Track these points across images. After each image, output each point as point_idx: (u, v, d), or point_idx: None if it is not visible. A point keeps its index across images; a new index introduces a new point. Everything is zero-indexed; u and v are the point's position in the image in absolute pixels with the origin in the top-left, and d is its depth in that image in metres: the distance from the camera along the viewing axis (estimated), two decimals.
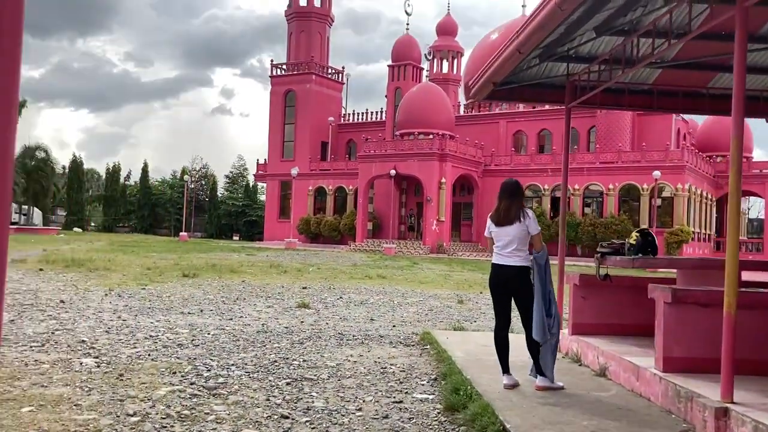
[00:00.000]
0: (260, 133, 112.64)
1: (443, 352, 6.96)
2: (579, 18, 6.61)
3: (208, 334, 8.09)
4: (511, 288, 5.45)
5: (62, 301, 10.55)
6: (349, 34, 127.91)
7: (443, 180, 37.21)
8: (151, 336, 7.70)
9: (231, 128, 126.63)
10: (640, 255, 6.66)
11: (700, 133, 43.44)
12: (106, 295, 11.80)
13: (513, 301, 5.52)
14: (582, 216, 36.93)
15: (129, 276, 15.74)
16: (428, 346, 7.70)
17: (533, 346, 5.41)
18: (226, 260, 24.59)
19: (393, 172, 36.68)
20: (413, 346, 7.91)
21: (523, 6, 51.41)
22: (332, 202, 46.63)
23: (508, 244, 5.42)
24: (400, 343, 8.12)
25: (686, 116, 41.06)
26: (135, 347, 6.96)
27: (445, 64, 52.28)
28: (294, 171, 41.74)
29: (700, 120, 45.67)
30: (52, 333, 7.58)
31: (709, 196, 39.45)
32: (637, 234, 6.80)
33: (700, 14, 6.06)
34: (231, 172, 79.50)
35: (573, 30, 7.08)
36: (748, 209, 59.07)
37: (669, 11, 6.18)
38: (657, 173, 31.87)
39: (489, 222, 5.59)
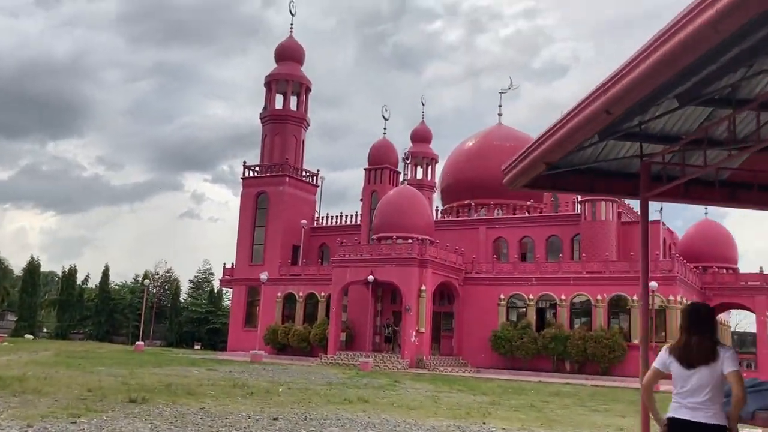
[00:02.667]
0: (228, 238, 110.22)
1: None
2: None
3: None
4: None
5: None
6: (321, 144, 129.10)
7: (423, 287, 35.03)
8: None
9: (199, 233, 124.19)
10: None
11: (682, 243, 42.43)
12: None
13: None
14: (570, 329, 34.77)
15: (61, 403, 12.90)
16: None
17: None
18: (183, 377, 21.65)
19: (371, 278, 34.43)
20: None
21: (500, 115, 51.51)
22: (302, 310, 43.86)
23: (697, 391, 4.07)
24: None
25: (668, 225, 40.10)
26: None
27: (419, 170, 51.55)
28: (264, 276, 39.25)
29: (680, 230, 44.86)
30: None
31: None
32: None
33: None
34: (196, 277, 76.33)
35: (657, 95, 5.21)
36: (734, 323, 57.74)
37: None
38: (654, 284, 30.16)
39: (667, 356, 4.20)
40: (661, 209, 37.27)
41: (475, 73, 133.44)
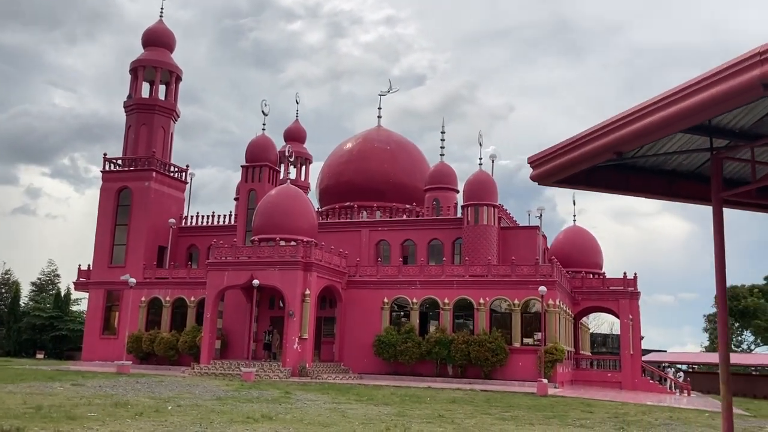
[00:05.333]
0: (73, 237, 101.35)
1: None
2: None
3: None
4: None
5: None
6: (177, 140, 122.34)
7: (308, 292, 33.46)
8: None
9: (35, 231, 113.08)
10: None
11: (553, 248, 44.03)
12: None
13: None
14: (453, 332, 34.69)
15: None
16: None
17: None
18: (49, 396, 18.74)
19: (256, 282, 32.28)
20: None
21: (379, 117, 51.03)
22: (169, 316, 40.62)
23: None
24: None
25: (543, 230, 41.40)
26: None
27: (292, 169, 49.82)
28: (132, 280, 35.81)
29: (550, 236, 46.60)
30: None
31: (570, 312, 39.28)
32: None
33: None
34: (39, 279, 69.33)
35: None
36: (592, 326, 61.21)
37: None
38: (543, 289, 30.65)
39: None
40: (541, 215, 38.34)
41: (337, 76, 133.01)
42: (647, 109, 4.89)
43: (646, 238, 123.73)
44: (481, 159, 39.96)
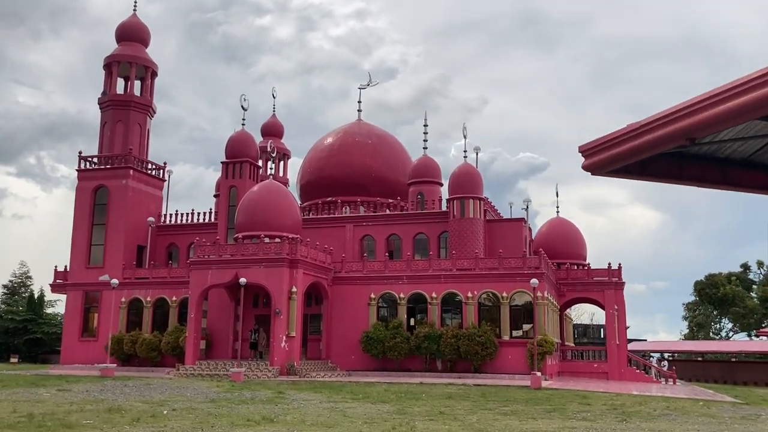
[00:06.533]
0: (42, 238, 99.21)
1: None
2: None
3: None
4: None
5: None
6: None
7: (294, 289, 32.93)
8: None
9: (4, 232, 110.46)
10: None
11: (537, 239, 44.01)
12: None
13: None
14: (441, 327, 34.46)
15: None
16: None
17: None
18: (38, 403, 18.06)
19: (243, 280, 31.64)
20: None
21: (359, 111, 50.55)
22: (150, 317, 39.79)
23: None
24: None
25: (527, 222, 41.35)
26: None
27: (272, 165, 49.07)
28: (114, 281, 34.89)
29: (534, 227, 46.62)
30: None
31: (556, 304, 39.31)
32: None
33: None
34: (11, 282, 67.58)
35: None
36: (574, 316, 61.59)
37: None
38: (535, 281, 30.52)
39: None
40: (527, 207, 38.26)
41: (308, 70, 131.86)
42: (726, 93, 4.60)
43: (617, 227, 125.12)
44: (465, 151, 39.68)
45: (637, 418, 17.97)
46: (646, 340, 67.47)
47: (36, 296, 62.70)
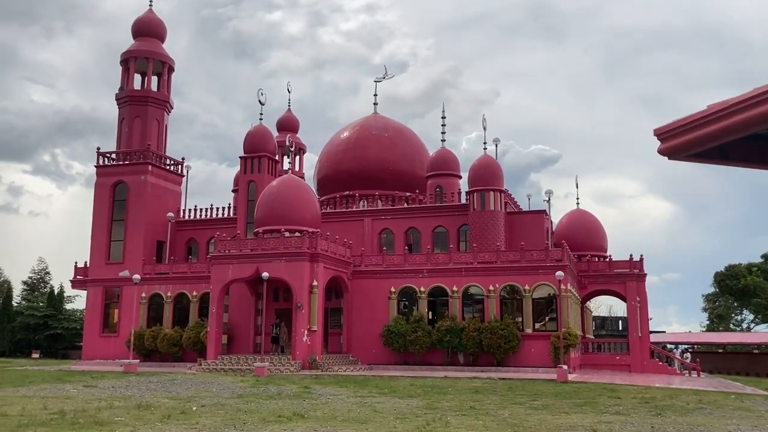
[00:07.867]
0: (58, 234, 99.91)
1: None
2: None
3: None
4: None
5: None
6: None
7: (315, 283, 32.81)
8: None
9: (20, 229, 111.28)
10: None
11: (557, 231, 43.60)
12: None
13: None
14: (462, 320, 34.22)
15: None
16: None
17: None
18: (67, 399, 18.04)
19: (266, 275, 31.51)
20: None
21: (375, 104, 50.28)
22: (171, 312, 39.85)
23: None
24: None
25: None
26: None
27: (288, 159, 48.89)
28: (135, 277, 34.93)
29: (554, 218, 46.16)
30: None
31: (578, 296, 38.95)
32: None
33: None
34: (30, 278, 68.14)
35: None
36: (594, 308, 61.08)
37: None
38: (560, 273, 30.21)
39: None
40: (549, 199, 37.89)
41: (320, 65, 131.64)
42: None
43: (629, 219, 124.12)
44: (485, 143, 39.30)
45: (671, 412, 17.68)
46: (664, 332, 66.89)
47: (56, 292, 63.19)
